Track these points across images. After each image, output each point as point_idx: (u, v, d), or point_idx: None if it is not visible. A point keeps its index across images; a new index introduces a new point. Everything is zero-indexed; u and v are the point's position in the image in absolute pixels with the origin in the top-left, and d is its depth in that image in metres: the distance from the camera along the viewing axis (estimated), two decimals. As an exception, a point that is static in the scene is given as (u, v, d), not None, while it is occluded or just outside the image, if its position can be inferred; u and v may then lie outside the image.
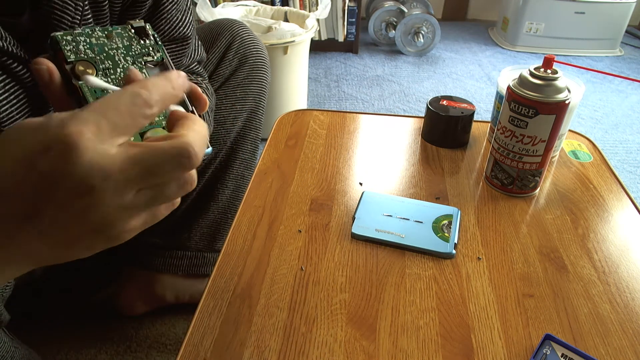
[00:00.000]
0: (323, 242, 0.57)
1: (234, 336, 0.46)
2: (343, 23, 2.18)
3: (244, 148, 0.85)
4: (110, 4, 0.52)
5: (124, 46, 0.35)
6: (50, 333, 0.88)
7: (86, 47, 0.33)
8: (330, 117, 0.84)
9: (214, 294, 0.51)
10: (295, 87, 1.57)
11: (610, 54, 2.39)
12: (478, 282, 0.53)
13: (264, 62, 0.83)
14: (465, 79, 2.07)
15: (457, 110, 0.74)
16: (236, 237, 0.58)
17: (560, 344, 0.46)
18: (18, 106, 0.45)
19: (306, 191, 0.66)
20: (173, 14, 0.58)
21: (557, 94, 0.57)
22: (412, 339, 0.46)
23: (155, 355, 0.85)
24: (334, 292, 0.51)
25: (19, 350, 0.55)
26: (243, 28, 0.81)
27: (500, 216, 0.62)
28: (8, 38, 0.42)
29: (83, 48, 0.33)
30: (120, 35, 0.36)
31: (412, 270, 0.54)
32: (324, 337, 0.46)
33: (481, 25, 2.77)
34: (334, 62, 2.19)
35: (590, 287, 0.52)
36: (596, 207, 0.64)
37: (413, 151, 0.76)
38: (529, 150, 0.61)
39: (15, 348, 0.54)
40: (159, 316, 0.91)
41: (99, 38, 0.34)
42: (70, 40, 0.33)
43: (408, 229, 0.58)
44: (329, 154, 0.74)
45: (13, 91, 0.44)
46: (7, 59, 0.43)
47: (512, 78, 0.61)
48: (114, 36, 0.35)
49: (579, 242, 0.58)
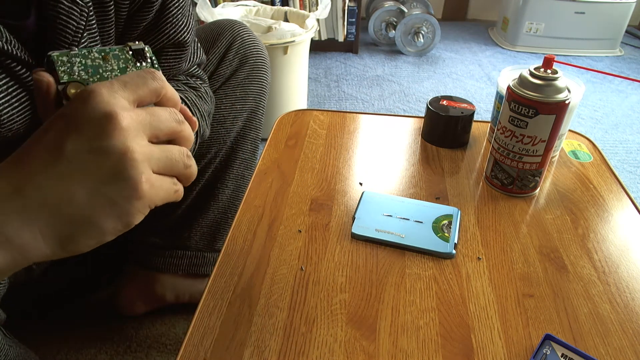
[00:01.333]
0: (323, 242, 0.57)
1: (234, 336, 0.46)
2: (343, 23, 2.18)
3: (244, 148, 0.85)
4: (117, 9, 0.52)
5: (119, 68, 0.35)
6: (50, 333, 0.88)
7: (80, 69, 0.34)
8: (330, 117, 0.84)
9: (214, 294, 0.51)
10: (295, 87, 1.57)
11: (610, 54, 2.39)
12: (478, 282, 0.53)
13: (264, 62, 0.83)
14: (465, 79, 2.07)
15: (457, 110, 0.74)
16: (236, 237, 0.58)
17: (560, 344, 0.46)
18: (20, 109, 0.45)
19: (306, 191, 0.66)
20: (178, 18, 0.58)
21: (557, 94, 0.57)
22: (412, 339, 0.46)
23: (155, 355, 0.85)
24: (334, 292, 0.51)
25: (13, 349, 0.55)
26: (243, 28, 0.81)
27: (500, 216, 0.62)
28: (12, 41, 0.42)
29: (77, 69, 0.34)
30: (117, 57, 0.36)
31: (412, 270, 0.54)
32: (324, 337, 0.46)
33: (481, 25, 2.77)
34: (334, 62, 2.19)
35: (590, 287, 0.52)
36: (596, 207, 0.64)
37: (413, 151, 0.76)
38: (529, 150, 0.61)
39: (9, 347, 0.54)
40: (159, 316, 0.91)
41: (95, 60, 0.35)
42: (65, 61, 0.33)
43: (408, 229, 0.58)
44: (329, 154, 0.74)
45: (15, 94, 0.44)
46: (10, 62, 0.43)
47: (512, 78, 0.61)
48: (111, 58, 0.35)
49: (579, 242, 0.58)
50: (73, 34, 0.46)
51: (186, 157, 0.33)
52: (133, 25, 0.55)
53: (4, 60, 0.42)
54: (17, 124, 0.46)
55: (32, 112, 0.47)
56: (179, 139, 0.34)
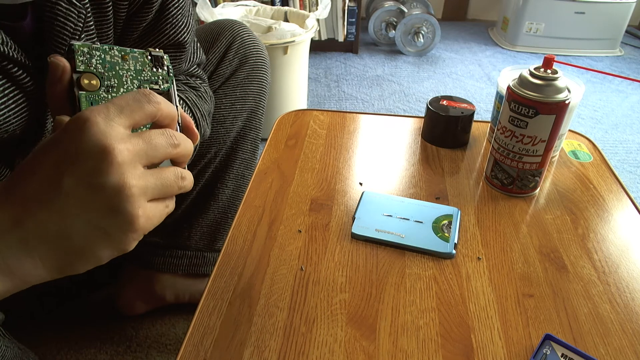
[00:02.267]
0: (323, 242, 0.57)
1: (234, 336, 0.46)
2: (343, 23, 2.18)
3: (244, 148, 0.85)
4: (115, 10, 0.52)
5: (135, 69, 0.36)
6: (50, 333, 0.88)
7: (98, 62, 0.35)
8: (330, 117, 0.84)
9: (214, 294, 0.51)
10: (295, 87, 1.57)
11: (610, 54, 2.39)
12: (478, 282, 0.53)
13: (264, 62, 0.83)
14: (465, 79, 2.07)
15: (457, 110, 0.74)
16: (236, 237, 0.58)
17: (560, 344, 0.46)
18: (16, 111, 0.45)
19: (306, 191, 0.66)
20: (178, 19, 0.58)
21: (557, 94, 0.57)
22: (412, 339, 0.46)
23: (155, 355, 0.85)
24: (334, 292, 0.51)
25: (10, 349, 0.55)
26: (243, 28, 0.81)
27: (500, 216, 0.62)
28: (9, 43, 0.42)
29: (95, 62, 0.35)
30: (135, 59, 0.37)
31: (412, 270, 0.54)
32: (324, 337, 0.46)
33: (481, 25, 2.77)
34: (334, 62, 2.19)
35: (590, 287, 0.52)
36: (596, 207, 0.64)
37: (413, 151, 0.76)
38: (529, 150, 0.61)
39: (6, 347, 0.54)
40: (159, 316, 0.91)
41: (114, 57, 0.36)
42: (85, 52, 0.34)
43: (408, 229, 0.58)
44: (329, 154, 0.74)
45: (12, 96, 0.44)
46: (7, 64, 0.43)
47: (512, 78, 0.61)
48: (129, 59, 0.36)
49: (579, 242, 0.58)
50: (70, 35, 0.46)
51: (180, 179, 0.34)
52: (132, 26, 0.55)
53: (1, 61, 0.42)
54: (13, 125, 0.45)
55: (29, 114, 0.47)
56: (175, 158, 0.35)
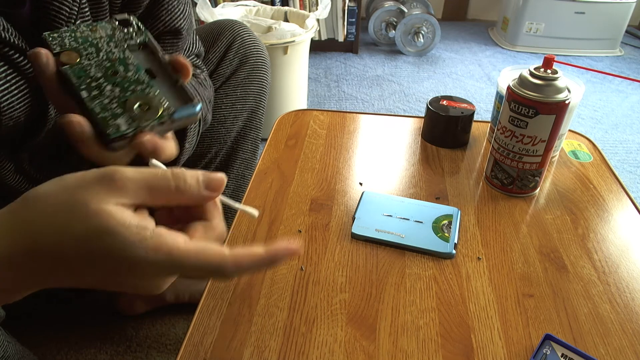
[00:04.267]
0: (323, 242, 0.57)
1: (234, 336, 0.46)
2: (343, 23, 2.18)
3: (244, 148, 0.85)
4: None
5: (107, 35, 0.39)
6: (50, 333, 0.88)
7: (71, 40, 0.37)
8: (330, 117, 0.84)
9: (214, 294, 0.51)
10: (295, 87, 1.57)
11: (610, 54, 2.39)
12: (478, 282, 0.52)
13: (265, 62, 0.83)
14: (465, 79, 2.07)
15: (457, 110, 0.74)
16: (236, 237, 0.58)
17: (560, 344, 0.46)
18: (19, 96, 0.46)
19: (306, 191, 0.66)
20: (174, 5, 0.59)
21: (557, 94, 0.57)
22: (412, 339, 0.46)
23: (155, 355, 0.85)
24: (334, 292, 0.51)
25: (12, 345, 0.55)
26: (244, 28, 0.81)
27: (500, 216, 0.62)
28: (9, 29, 0.43)
29: (68, 41, 0.37)
30: (104, 28, 0.39)
31: (412, 270, 0.54)
32: (324, 337, 0.46)
33: (481, 25, 2.77)
34: (334, 62, 2.19)
35: (590, 287, 0.52)
36: (596, 207, 0.64)
37: (413, 151, 0.76)
38: (529, 150, 0.61)
39: (8, 343, 0.54)
40: (159, 316, 0.91)
41: (83, 32, 0.38)
42: (55, 37, 0.37)
43: (408, 229, 0.58)
44: (329, 154, 0.74)
45: (14, 81, 0.45)
46: (8, 50, 0.44)
47: (512, 78, 0.61)
48: (98, 29, 0.39)
49: (579, 242, 0.58)
50: (66, 20, 0.47)
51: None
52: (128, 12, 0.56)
53: (2, 48, 0.43)
54: (17, 111, 0.46)
55: (32, 100, 0.47)
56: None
